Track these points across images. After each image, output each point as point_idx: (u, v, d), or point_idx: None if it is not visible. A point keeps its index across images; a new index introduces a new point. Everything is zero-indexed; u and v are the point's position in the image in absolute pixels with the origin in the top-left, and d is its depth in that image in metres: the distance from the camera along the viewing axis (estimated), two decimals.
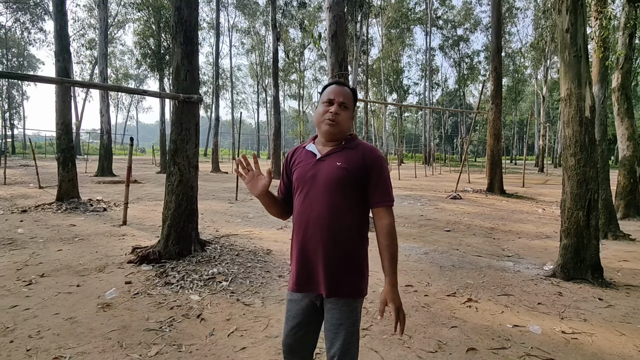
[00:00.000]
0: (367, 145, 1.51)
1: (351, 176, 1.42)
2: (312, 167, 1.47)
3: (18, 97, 38.50)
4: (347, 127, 1.50)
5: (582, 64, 3.96)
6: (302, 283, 1.46)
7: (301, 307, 1.49)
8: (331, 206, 1.41)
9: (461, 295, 3.47)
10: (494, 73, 12.11)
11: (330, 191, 1.41)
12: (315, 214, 1.42)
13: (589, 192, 3.91)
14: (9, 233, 5.33)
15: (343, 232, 1.42)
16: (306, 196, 1.45)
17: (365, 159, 1.44)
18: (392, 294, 1.41)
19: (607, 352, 2.51)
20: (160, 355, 2.34)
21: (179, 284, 3.50)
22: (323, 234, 1.41)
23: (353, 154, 1.46)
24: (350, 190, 1.43)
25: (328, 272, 1.41)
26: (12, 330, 2.58)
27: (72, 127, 8.22)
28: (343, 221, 1.42)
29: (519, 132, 54.37)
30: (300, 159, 1.54)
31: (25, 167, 18.64)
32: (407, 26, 36.39)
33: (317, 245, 1.42)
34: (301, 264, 1.46)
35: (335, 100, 1.47)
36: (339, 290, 1.42)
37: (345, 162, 1.43)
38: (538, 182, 17.61)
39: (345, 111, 1.48)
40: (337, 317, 1.42)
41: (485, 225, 7.01)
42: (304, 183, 1.46)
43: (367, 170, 1.43)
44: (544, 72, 32.95)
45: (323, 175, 1.43)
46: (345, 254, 1.43)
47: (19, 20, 28.68)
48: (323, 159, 1.47)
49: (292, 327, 1.50)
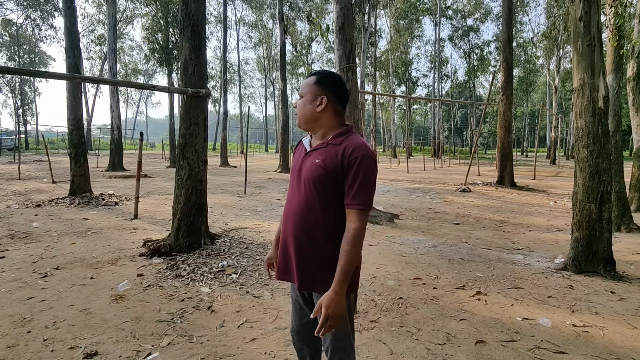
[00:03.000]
0: (351, 143, 1.37)
1: (326, 175, 1.36)
2: (300, 161, 1.49)
3: (30, 93, 39.03)
4: (306, 114, 1.45)
5: (596, 53, 3.87)
6: (281, 271, 1.52)
7: (297, 295, 1.56)
8: (306, 204, 1.40)
9: (470, 288, 3.46)
10: (504, 64, 11.90)
11: (306, 188, 1.41)
12: (292, 209, 1.45)
13: (602, 184, 3.85)
14: (24, 227, 5.45)
15: (316, 231, 1.40)
16: (291, 190, 1.49)
17: (344, 157, 1.34)
18: (329, 299, 1.29)
19: (618, 346, 2.48)
20: (172, 346, 2.39)
21: (189, 276, 3.56)
22: (297, 229, 1.42)
23: (334, 151, 1.38)
24: (326, 190, 1.37)
25: (299, 267, 1.43)
26: (29, 321, 2.66)
27: (84, 123, 8.33)
28: (317, 220, 1.39)
29: (530, 124, 53.50)
30: (298, 151, 1.58)
31: (38, 162, 18.98)
32: (416, 17, 35.84)
33: (292, 239, 1.44)
34: (281, 253, 1.52)
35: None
36: (314, 286, 1.43)
37: (323, 160, 1.38)
38: (550, 174, 17.36)
39: (300, 100, 1.48)
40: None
41: (495, 218, 6.95)
42: (292, 176, 1.51)
43: (343, 169, 1.35)
44: (556, 62, 32.24)
45: (304, 172, 1.43)
46: (317, 253, 1.41)
47: (29, 17, 28.97)
48: (309, 153, 1.46)
49: (294, 314, 1.59)
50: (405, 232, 5.66)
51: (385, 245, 4.87)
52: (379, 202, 8.06)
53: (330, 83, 1.46)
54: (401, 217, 6.83)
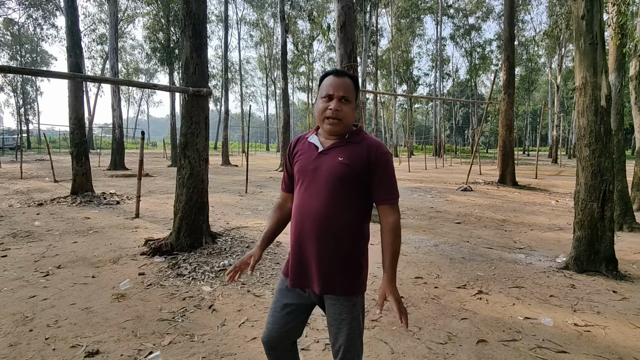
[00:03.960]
0: (373, 140, 1.43)
1: (353, 173, 1.37)
2: (313, 160, 1.42)
3: (32, 92, 39.10)
4: (352, 120, 1.44)
5: (598, 51, 3.85)
6: (298, 277, 1.44)
7: (292, 300, 1.48)
8: (330, 202, 1.37)
9: (471, 288, 3.46)
10: (506, 62, 11.87)
11: (330, 187, 1.37)
12: (313, 209, 1.38)
13: (604, 183, 3.84)
14: (26, 226, 5.46)
15: (341, 229, 1.38)
16: (306, 190, 1.41)
17: (370, 155, 1.38)
18: (391, 287, 1.39)
19: (620, 345, 2.48)
20: (173, 345, 2.39)
21: (190, 275, 3.56)
22: (320, 230, 1.37)
23: (357, 149, 1.40)
24: (351, 187, 1.38)
25: (322, 269, 1.39)
26: (31, 320, 2.67)
27: (85, 122, 8.34)
28: (341, 218, 1.38)
29: (532, 123, 53.36)
30: (302, 150, 1.49)
31: (40, 161, 19.03)
32: (417, 16, 35.76)
33: (313, 241, 1.38)
34: (297, 258, 1.43)
35: (334, 95, 1.39)
36: (333, 288, 1.40)
37: (348, 158, 1.37)
38: (551, 173, 17.31)
39: (347, 105, 1.40)
40: (339, 313, 1.40)
41: (496, 217, 6.94)
42: (305, 176, 1.42)
43: (370, 166, 1.38)
44: (558, 61, 32.12)
45: (324, 170, 1.38)
46: (342, 252, 1.39)
47: (31, 17, 29.04)
48: (325, 152, 1.41)
49: (278, 320, 1.49)
50: (406, 231, 5.66)
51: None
52: None
53: (359, 88, 1.49)
54: (402, 216, 6.83)
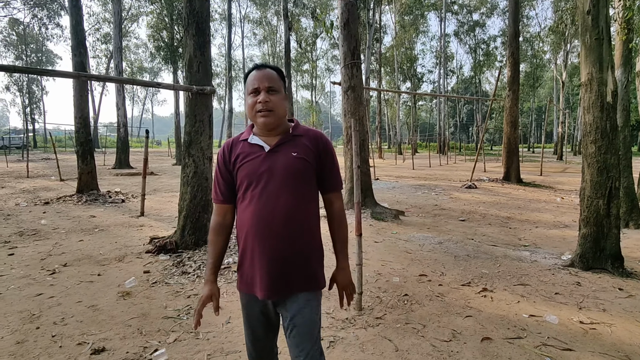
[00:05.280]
0: (314, 131, 1.45)
1: (309, 165, 1.38)
2: (263, 160, 1.35)
3: (38, 92, 39.34)
4: (284, 110, 1.40)
5: (604, 47, 3.81)
6: (276, 287, 1.33)
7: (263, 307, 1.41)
8: (295, 198, 1.34)
9: (476, 285, 3.45)
10: (511, 59, 11.77)
11: (291, 183, 1.34)
12: (278, 209, 1.32)
13: (610, 180, 3.80)
14: (33, 224, 5.52)
15: (310, 223, 1.39)
16: (262, 192, 1.33)
17: (318, 146, 1.41)
18: (342, 274, 1.45)
19: (626, 343, 2.46)
20: (178, 342, 2.41)
21: (195, 273, 3.58)
22: (291, 228, 1.33)
23: (305, 141, 1.40)
24: (310, 180, 1.39)
25: (297, 269, 1.34)
26: (37, 317, 2.69)
27: (90, 121, 8.39)
28: (309, 212, 1.39)
29: (537, 119, 52.98)
30: (244, 153, 1.40)
31: (46, 160, 19.18)
32: (421, 12, 35.55)
33: (284, 243, 1.33)
34: (268, 268, 1.33)
35: (260, 88, 1.35)
36: (309, 284, 1.37)
37: (302, 152, 1.37)
38: (557, 170, 17.19)
39: (274, 95, 1.36)
40: (310, 311, 1.35)
41: (501, 215, 6.91)
42: (257, 178, 1.34)
43: (320, 157, 1.41)
44: (563, 57, 31.82)
45: (281, 168, 1.34)
46: (313, 246, 1.40)
47: (36, 16, 29.23)
48: (275, 150, 1.37)
49: (261, 330, 1.44)
50: (410, 229, 5.65)
51: (391, 242, 4.86)
52: (385, 199, 8.03)
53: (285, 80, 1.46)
54: (406, 213, 6.81)
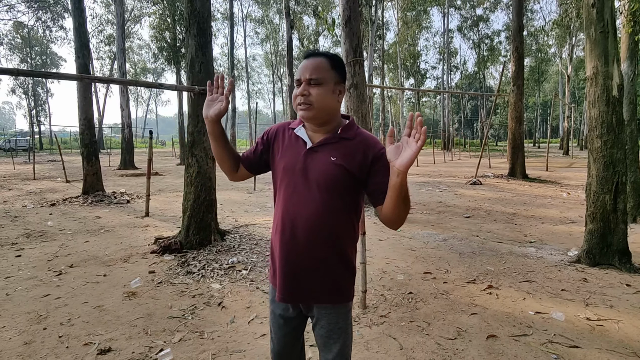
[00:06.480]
0: (367, 136, 1.28)
1: (347, 175, 1.22)
2: (302, 157, 1.26)
3: (43, 94, 39.69)
4: (329, 105, 1.24)
5: (610, 40, 3.76)
6: (288, 293, 1.29)
7: (288, 314, 1.38)
8: (324, 210, 1.22)
9: (481, 282, 3.43)
10: (515, 53, 11.67)
11: (322, 192, 1.22)
12: (305, 215, 1.23)
13: (617, 174, 3.76)
14: (39, 226, 5.56)
15: (338, 235, 1.26)
16: (294, 192, 1.26)
17: (367, 154, 1.24)
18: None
19: (634, 339, 2.43)
20: (183, 342, 2.42)
21: (200, 273, 3.59)
22: (316, 238, 1.24)
23: (351, 147, 1.25)
24: (346, 191, 1.24)
25: (318, 280, 1.27)
26: (45, 318, 2.72)
27: (95, 122, 8.45)
28: (338, 224, 1.25)
29: (542, 114, 52.51)
30: (287, 142, 1.32)
31: (52, 162, 19.34)
32: (424, 8, 35.31)
33: (307, 251, 1.25)
34: (287, 270, 1.28)
35: (302, 79, 1.23)
36: (331, 297, 1.29)
37: (342, 158, 1.23)
38: (563, 165, 17.04)
39: (316, 87, 1.21)
40: (335, 322, 1.31)
41: (506, 211, 6.86)
42: (291, 176, 1.27)
43: (370, 167, 1.23)
44: (568, 51, 31.53)
45: (314, 171, 1.23)
46: (338, 259, 1.28)
47: (40, 19, 29.38)
48: (315, 149, 1.26)
49: (283, 334, 1.42)
50: (415, 226, 5.63)
51: (395, 240, 4.85)
52: None
53: (342, 69, 1.28)
54: (411, 211, 6.79)
